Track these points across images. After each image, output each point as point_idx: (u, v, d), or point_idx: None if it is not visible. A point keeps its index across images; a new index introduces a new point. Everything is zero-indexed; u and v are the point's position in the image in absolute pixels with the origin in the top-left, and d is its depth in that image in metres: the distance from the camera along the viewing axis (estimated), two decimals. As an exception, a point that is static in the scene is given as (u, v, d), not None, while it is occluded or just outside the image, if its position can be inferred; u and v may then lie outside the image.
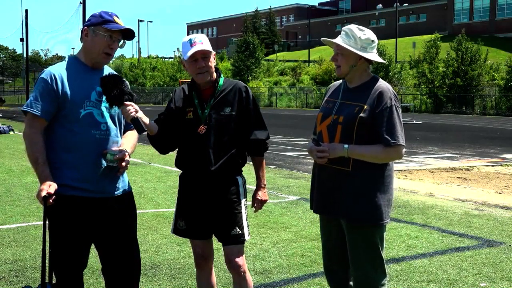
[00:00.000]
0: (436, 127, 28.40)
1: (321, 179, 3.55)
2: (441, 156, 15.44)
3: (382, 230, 3.50)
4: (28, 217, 7.41)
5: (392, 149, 3.36)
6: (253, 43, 66.68)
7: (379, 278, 3.48)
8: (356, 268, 3.48)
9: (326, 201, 3.53)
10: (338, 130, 3.43)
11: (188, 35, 3.72)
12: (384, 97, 3.38)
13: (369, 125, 3.38)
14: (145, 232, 6.59)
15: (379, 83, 3.46)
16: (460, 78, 44.88)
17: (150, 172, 11.68)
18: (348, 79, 3.53)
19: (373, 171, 3.41)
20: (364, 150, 3.37)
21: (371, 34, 3.47)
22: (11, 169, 12.02)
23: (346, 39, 3.44)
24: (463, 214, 7.90)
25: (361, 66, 3.48)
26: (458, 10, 75.83)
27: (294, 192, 9.56)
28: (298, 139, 20.14)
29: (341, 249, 3.57)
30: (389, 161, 3.46)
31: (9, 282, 4.94)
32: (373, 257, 3.45)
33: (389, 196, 3.48)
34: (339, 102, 3.51)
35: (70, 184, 3.32)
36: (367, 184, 3.40)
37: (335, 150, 3.39)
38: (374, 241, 3.45)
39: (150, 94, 70.61)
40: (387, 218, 3.46)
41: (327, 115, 3.52)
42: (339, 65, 3.48)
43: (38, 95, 3.33)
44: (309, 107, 55.22)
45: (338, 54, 3.47)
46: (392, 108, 3.37)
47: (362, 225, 3.43)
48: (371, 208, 3.39)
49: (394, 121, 3.37)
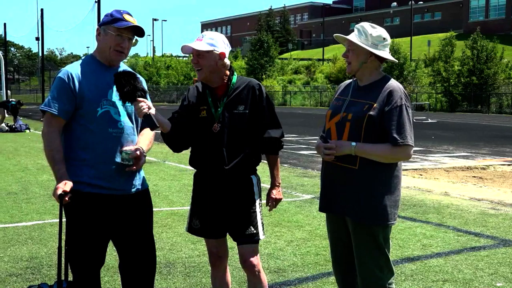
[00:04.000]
0: (451, 125, 28.22)
1: (328, 177, 3.53)
2: (457, 155, 15.33)
3: (387, 230, 3.46)
4: (44, 214, 7.46)
5: (400, 148, 3.32)
6: (267, 41, 66.70)
7: (385, 277, 3.45)
8: (361, 267, 3.45)
9: (332, 199, 3.51)
10: (347, 127, 3.41)
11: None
12: (394, 96, 3.35)
13: (378, 123, 3.34)
14: (159, 230, 6.61)
15: (390, 82, 3.43)
16: (476, 76, 44.57)
17: (165, 170, 11.72)
18: (358, 76, 3.51)
19: (380, 171, 3.37)
20: (371, 148, 3.34)
21: (383, 32, 3.45)
22: (27, 167, 12.12)
23: (358, 36, 3.42)
24: (479, 214, 7.84)
25: (372, 63, 3.45)
26: (473, 8, 75.29)
27: (308, 191, 9.54)
28: (312, 138, 20.10)
29: (349, 248, 3.55)
30: (396, 161, 3.42)
31: (25, 279, 4.97)
32: (378, 257, 3.42)
33: (396, 197, 3.43)
34: (349, 100, 3.49)
35: (87, 181, 3.34)
36: (373, 184, 3.37)
37: (342, 147, 3.37)
38: (379, 241, 3.41)
39: (165, 92, 70.85)
40: (393, 219, 3.41)
41: (336, 112, 3.50)
42: (349, 62, 3.47)
43: (55, 94, 3.36)
44: (323, 105, 55.08)
45: (349, 50, 3.46)
46: (402, 107, 3.33)
47: (366, 224, 3.39)
48: (376, 208, 3.36)
49: (404, 121, 3.33)
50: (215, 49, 3.57)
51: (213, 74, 3.63)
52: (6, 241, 6.18)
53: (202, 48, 3.54)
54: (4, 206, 7.99)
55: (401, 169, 3.50)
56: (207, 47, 3.55)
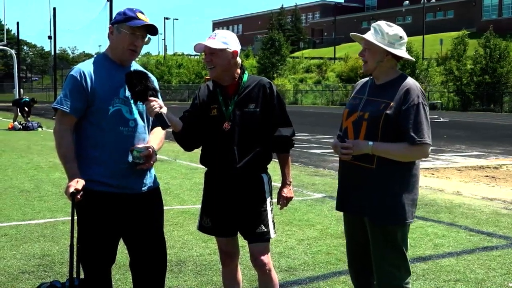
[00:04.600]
0: (463, 124, 28.06)
1: (345, 176, 3.53)
2: (469, 154, 15.25)
3: (405, 229, 3.44)
4: (56, 212, 7.50)
5: (417, 147, 3.30)
6: (279, 40, 66.68)
7: (402, 277, 3.43)
8: (378, 266, 3.44)
9: (349, 198, 3.50)
10: (363, 126, 3.39)
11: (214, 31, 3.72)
12: (411, 94, 3.33)
13: (395, 122, 3.32)
14: (171, 229, 6.62)
15: (407, 80, 3.41)
16: (489, 75, 44.29)
17: (176, 168, 11.74)
18: (375, 75, 3.49)
19: (398, 169, 3.36)
20: (388, 147, 3.33)
21: (400, 30, 3.43)
22: (39, 165, 12.18)
23: (374, 34, 3.41)
24: (491, 213, 7.79)
25: (388, 62, 3.44)
26: (486, 6, 74.76)
27: (319, 189, 9.52)
28: (324, 137, 20.07)
29: (365, 248, 3.54)
30: (414, 159, 3.40)
31: (37, 277, 5.01)
32: (396, 257, 3.40)
33: (414, 196, 3.42)
34: (365, 99, 3.48)
35: (98, 179, 3.35)
36: (391, 183, 3.35)
37: (359, 146, 3.36)
38: (397, 240, 3.39)
39: (176, 91, 71.02)
40: (411, 218, 3.40)
41: (353, 111, 3.49)
42: (366, 61, 3.45)
43: (67, 92, 3.37)
44: (335, 104, 54.99)
45: (365, 49, 3.44)
46: (419, 106, 3.32)
47: (384, 224, 3.38)
48: (394, 207, 3.35)
49: (421, 119, 3.31)
50: (228, 47, 3.57)
51: (226, 72, 3.63)
52: (18, 239, 6.22)
53: (216, 46, 3.54)
54: (16, 204, 8.04)
55: (419, 167, 3.48)
56: (221, 45, 3.55)
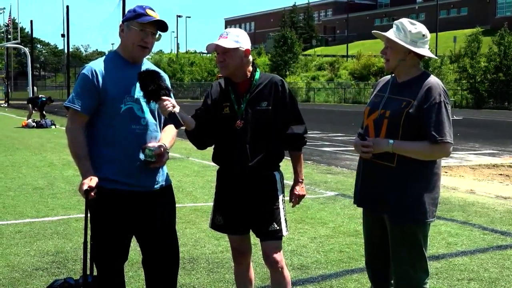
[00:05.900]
0: (477, 122, 27.87)
1: (365, 174, 3.50)
2: (482, 152, 15.15)
3: (426, 228, 3.41)
4: (69, 209, 7.55)
5: (438, 146, 3.27)
6: (291, 38, 66.54)
7: (420, 277, 3.41)
8: (397, 266, 3.42)
9: (369, 196, 3.48)
10: (384, 124, 3.37)
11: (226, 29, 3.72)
12: (433, 93, 3.29)
13: (416, 120, 3.29)
14: (183, 226, 6.64)
15: (429, 78, 3.37)
16: (503, 73, 43.95)
17: (188, 166, 11.76)
18: (396, 73, 3.46)
19: (419, 168, 3.33)
20: (409, 146, 3.30)
21: (423, 28, 3.39)
22: (53, 162, 12.26)
23: (396, 33, 3.38)
24: (505, 212, 7.73)
25: (410, 60, 3.40)
26: (501, 3, 74.14)
27: (332, 187, 9.50)
28: (336, 134, 20.02)
29: (383, 246, 3.51)
30: (435, 158, 3.37)
31: (51, 274, 5.04)
32: (415, 256, 3.38)
33: (435, 195, 3.39)
34: (387, 97, 3.45)
35: (110, 177, 3.36)
36: (411, 181, 3.33)
37: (380, 145, 3.33)
38: (417, 239, 3.37)
39: (188, 89, 71.17)
40: (432, 217, 3.37)
41: (374, 109, 3.46)
42: (387, 59, 3.42)
43: (79, 91, 3.38)
44: (347, 102, 54.82)
45: (387, 47, 3.41)
46: (441, 104, 3.28)
47: (404, 223, 3.36)
48: (414, 206, 3.32)
49: (442, 118, 3.27)
50: (241, 46, 3.57)
51: (238, 70, 3.63)
52: (32, 236, 6.27)
53: (228, 46, 3.54)
54: (30, 201, 8.10)
55: (440, 166, 3.45)
56: (233, 44, 3.55)
